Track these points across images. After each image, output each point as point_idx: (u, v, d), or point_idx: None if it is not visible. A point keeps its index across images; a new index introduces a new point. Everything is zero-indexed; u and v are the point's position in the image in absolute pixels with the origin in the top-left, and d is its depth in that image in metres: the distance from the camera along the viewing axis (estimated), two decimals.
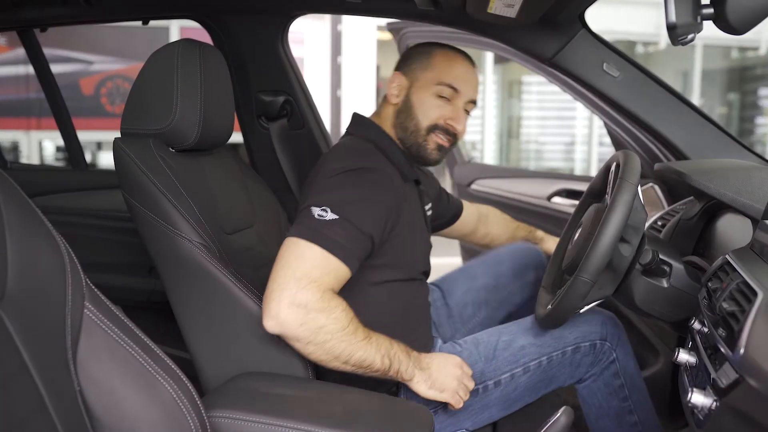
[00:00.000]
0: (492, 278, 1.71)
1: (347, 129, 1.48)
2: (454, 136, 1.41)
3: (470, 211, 1.88)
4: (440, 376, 1.23)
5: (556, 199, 2.37)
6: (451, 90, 1.39)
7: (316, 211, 1.18)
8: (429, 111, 1.40)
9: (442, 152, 1.43)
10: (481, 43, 1.97)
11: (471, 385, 1.27)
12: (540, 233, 1.94)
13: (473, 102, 1.44)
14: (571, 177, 2.82)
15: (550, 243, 1.88)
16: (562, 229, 1.59)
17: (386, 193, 1.26)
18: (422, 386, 1.21)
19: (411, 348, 1.25)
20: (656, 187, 1.80)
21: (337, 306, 1.13)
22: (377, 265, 1.30)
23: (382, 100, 1.50)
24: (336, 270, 1.16)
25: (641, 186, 1.82)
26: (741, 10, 0.80)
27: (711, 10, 0.83)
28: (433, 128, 1.40)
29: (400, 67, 1.48)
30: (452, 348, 1.40)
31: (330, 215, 1.17)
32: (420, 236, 1.44)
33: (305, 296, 1.11)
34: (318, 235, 1.15)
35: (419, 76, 1.42)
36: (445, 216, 1.80)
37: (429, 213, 1.58)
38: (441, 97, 1.39)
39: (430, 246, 1.51)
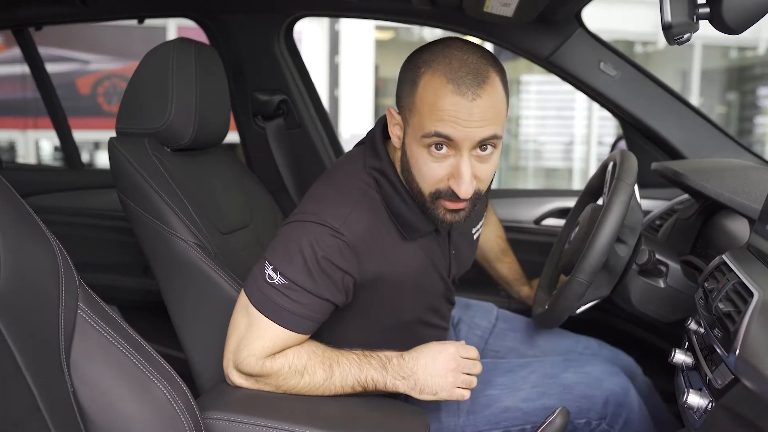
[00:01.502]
0: (554, 355, 1.45)
1: (366, 138, 1.20)
2: (473, 195, 1.05)
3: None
4: (428, 379, 1.08)
5: (549, 221, 1.95)
6: (445, 139, 1.01)
7: (268, 270, 1.05)
8: (426, 174, 1.04)
9: (459, 213, 1.08)
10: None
11: (476, 369, 1.10)
12: (525, 292, 1.60)
13: (490, 139, 1.02)
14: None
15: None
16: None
17: (341, 262, 1.06)
18: (413, 393, 1.09)
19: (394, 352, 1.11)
20: None
21: (281, 367, 1.05)
22: (353, 314, 1.16)
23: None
24: (285, 338, 1.06)
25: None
26: (737, 9, 0.80)
27: (707, 10, 0.83)
28: (437, 195, 1.06)
29: (396, 96, 1.10)
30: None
31: (278, 278, 1.04)
32: (422, 289, 1.21)
33: (247, 368, 1.06)
34: (266, 302, 1.04)
35: (409, 120, 1.06)
36: None
37: (477, 234, 1.36)
38: (435, 150, 1.02)
39: (443, 292, 1.26)
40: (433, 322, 1.29)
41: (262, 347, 1.05)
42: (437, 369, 1.08)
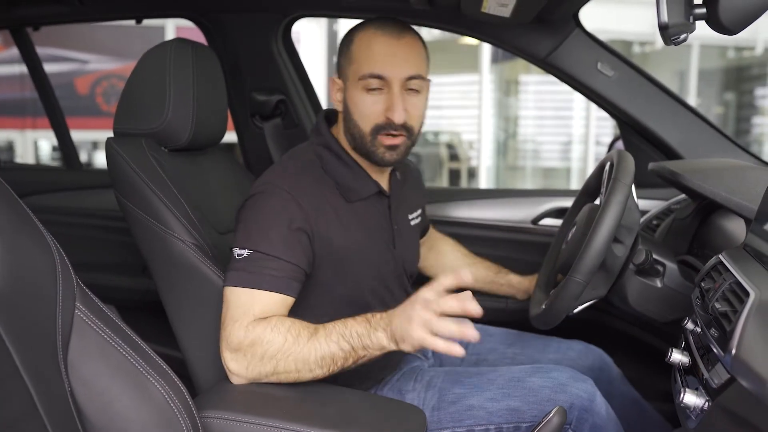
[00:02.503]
0: (528, 359, 1.48)
1: (312, 130, 1.38)
2: (406, 128, 1.24)
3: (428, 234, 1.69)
4: (398, 325, 1.06)
5: (547, 221, 1.93)
6: (377, 79, 1.22)
7: (236, 251, 1.16)
8: (364, 112, 1.24)
9: (397, 151, 1.26)
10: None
11: (445, 307, 1.04)
12: (514, 278, 1.61)
13: (415, 77, 1.24)
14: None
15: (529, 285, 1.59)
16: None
17: (294, 218, 1.17)
18: (392, 344, 1.08)
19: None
20: None
21: (264, 330, 1.09)
22: (313, 289, 1.23)
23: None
24: (262, 300, 1.12)
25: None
26: (733, 9, 0.80)
27: (703, 10, 0.83)
28: (377, 130, 1.24)
29: (337, 66, 1.32)
30: (404, 385, 1.30)
31: (245, 252, 1.14)
32: (374, 257, 1.31)
33: (233, 339, 1.10)
34: (239, 275, 1.14)
35: (348, 74, 1.27)
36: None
37: (414, 222, 1.47)
38: (371, 90, 1.23)
39: (393, 267, 1.35)
40: (391, 306, 1.24)
41: (243, 313, 1.11)
42: (406, 314, 1.06)
